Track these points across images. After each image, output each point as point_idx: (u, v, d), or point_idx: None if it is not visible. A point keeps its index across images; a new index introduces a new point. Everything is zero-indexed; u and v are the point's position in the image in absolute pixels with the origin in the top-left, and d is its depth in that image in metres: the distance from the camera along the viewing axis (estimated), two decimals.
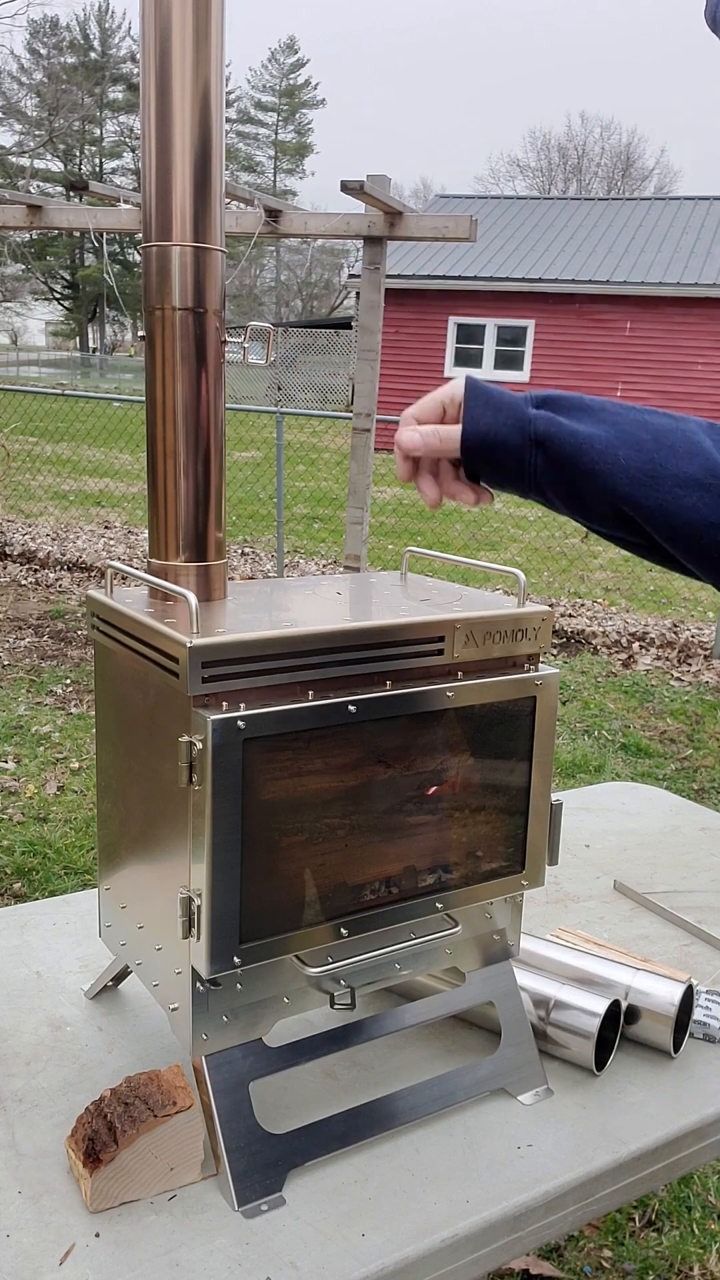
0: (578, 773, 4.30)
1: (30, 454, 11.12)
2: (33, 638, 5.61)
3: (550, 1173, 1.17)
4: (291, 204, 4.77)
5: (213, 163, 1.17)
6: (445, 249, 17.95)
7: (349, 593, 1.35)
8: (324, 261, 50.19)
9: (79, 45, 49.83)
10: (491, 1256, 1.12)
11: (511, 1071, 1.30)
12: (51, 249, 48.45)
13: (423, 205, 29.29)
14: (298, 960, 1.17)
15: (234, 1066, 1.15)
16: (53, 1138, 1.18)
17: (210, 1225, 1.07)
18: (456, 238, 4.31)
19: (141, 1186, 1.10)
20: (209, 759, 1.04)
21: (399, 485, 12.27)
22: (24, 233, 6.81)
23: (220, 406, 1.24)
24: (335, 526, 9.17)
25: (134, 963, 1.31)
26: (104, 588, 1.26)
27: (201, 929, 1.09)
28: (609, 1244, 1.85)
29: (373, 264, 4.52)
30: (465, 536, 9.44)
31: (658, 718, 5.04)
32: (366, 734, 1.17)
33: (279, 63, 56.17)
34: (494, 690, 1.25)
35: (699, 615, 7.09)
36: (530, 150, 60.06)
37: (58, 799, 3.59)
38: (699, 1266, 1.81)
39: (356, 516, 4.83)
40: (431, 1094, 1.25)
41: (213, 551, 1.26)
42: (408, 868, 1.24)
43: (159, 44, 1.13)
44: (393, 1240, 1.06)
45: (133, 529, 8.82)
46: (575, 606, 7.03)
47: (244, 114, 56.02)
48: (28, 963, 1.53)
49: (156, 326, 1.20)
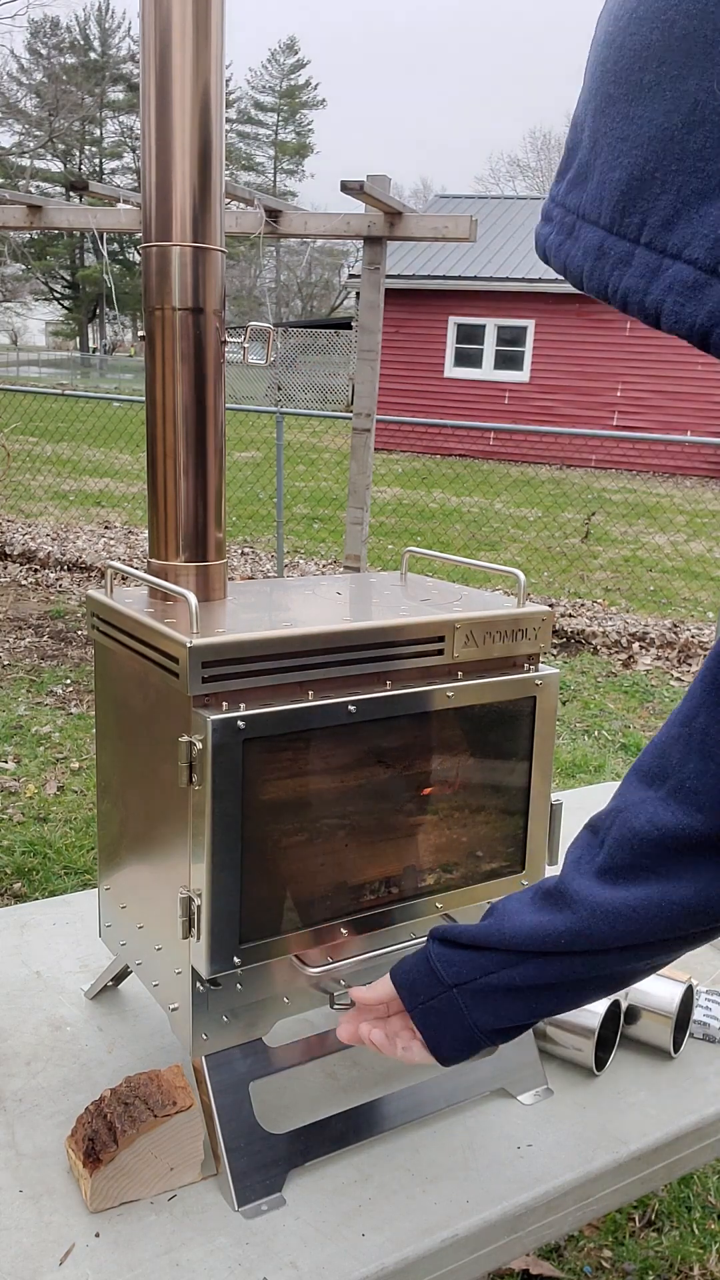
0: (578, 773, 4.30)
1: (30, 454, 11.12)
2: (33, 638, 5.61)
3: (550, 1173, 1.17)
4: (291, 204, 4.77)
5: (213, 163, 1.17)
6: (445, 249, 17.94)
7: (349, 593, 1.35)
8: (324, 262, 50.19)
9: (79, 45, 49.85)
10: (491, 1256, 1.12)
11: (511, 1071, 1.30)
12: (51, 249, 48.45)
13: (423, 205, 29.30)
14: (298, 960, 1.17)
15: (234, 1066, 1.15)
16: (53, 1138, 1.18)
17: (210, 1225, 1.07)
18: (456, 238, 4.31)
19: (141, 1186, 1.10)
20: (209, 759, 1.04)
21: (399, 485, 12.28)
22: (24, 233, 6.81)
23: (220, 406, 1.24)
24: (335, 526, 9.17)
25: (134, 963, 1.31)
26: (104, 588, 1.26)
27: (201, 929, 1.09)
28: (609, 1244, 1.85)
29: (373, 264, 4.52)
30: (465, 536, 9.44)
31: (658, 718, 5.04)
32: (366, 734, 1.17)
33: (279, 63, 56.18)
34: (494, 690, 1.25)
35: (699, 615, 7.09)
36: (530, 150, 60.12)
37: (58, 799, 3.59)
38: (699, 1266, 1.81)
39: (356, 516, 4.83)
40: (431, 1094, 1.25)
41: (213, 551, 1.26)
42: (407, 868, 1.24)
43: (159, 44, 1.13)
44: (393, 1240, 1.06)
45: (133, 529, 8.82)
46: (575, 606, 7.03)
47: (244, 114, 56.02)
48: (28, 963, 1.53)
49: (156, 326, 1.20)
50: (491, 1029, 0.99)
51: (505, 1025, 0.99)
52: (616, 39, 0.55)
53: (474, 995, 0.98)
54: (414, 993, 1.02)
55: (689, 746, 0.84)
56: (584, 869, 0.92)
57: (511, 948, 0.95)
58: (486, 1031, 0.99)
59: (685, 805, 0.84)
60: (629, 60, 0.54)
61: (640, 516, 10.86)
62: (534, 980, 0.95)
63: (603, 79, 0.56)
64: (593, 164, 0.58)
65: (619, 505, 11.64)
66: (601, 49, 0.57)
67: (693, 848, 0.84)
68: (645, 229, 0.55)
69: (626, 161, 0.55)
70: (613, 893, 0.89)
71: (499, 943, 0.96)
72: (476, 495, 11.84)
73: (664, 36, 0.52)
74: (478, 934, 0.98)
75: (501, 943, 0.96)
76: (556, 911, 0.93)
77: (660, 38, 0.52)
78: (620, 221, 0.56)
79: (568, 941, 0.91)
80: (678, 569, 8.46)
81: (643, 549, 9.08)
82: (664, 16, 0.51)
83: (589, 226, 0.59)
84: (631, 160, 0.54)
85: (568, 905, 0.92)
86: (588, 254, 0.59)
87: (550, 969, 0.94)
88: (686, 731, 0.84)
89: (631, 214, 0.55)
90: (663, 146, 0.53)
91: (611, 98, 0.55)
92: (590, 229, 0.58)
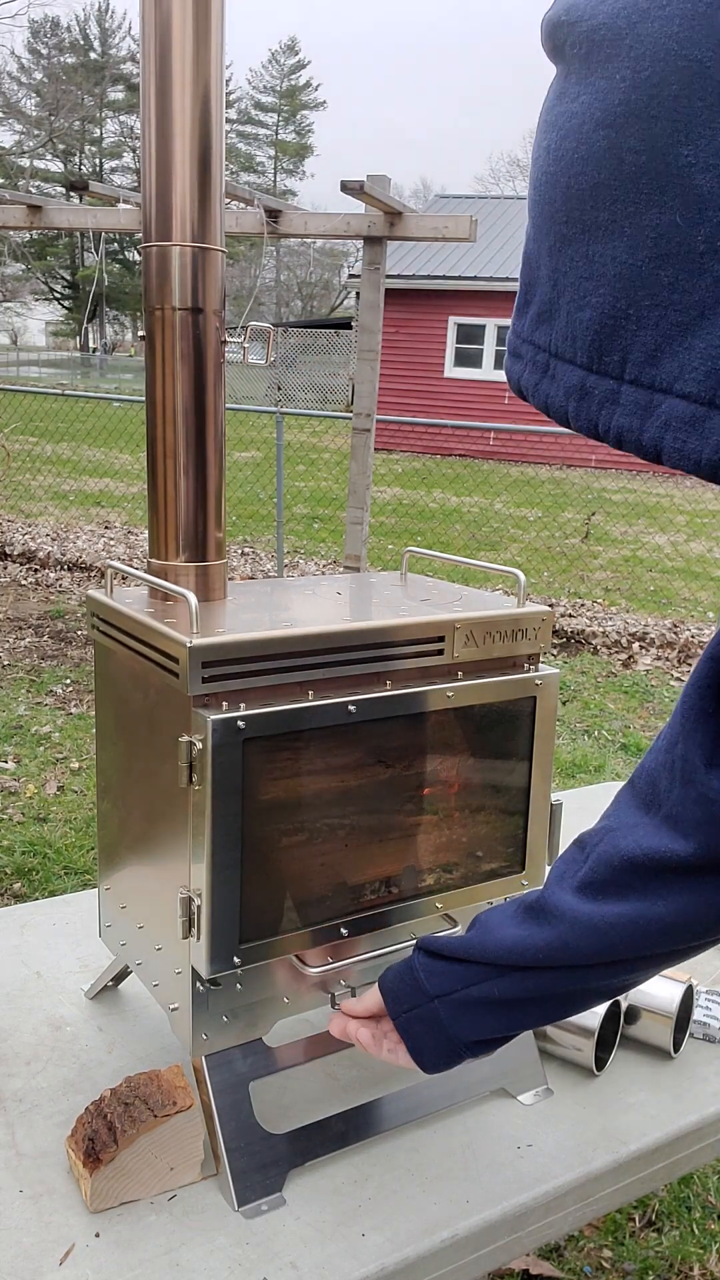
0: (578, 773, 4.30)
1: (30, 454, 11.11)
2: (33, 638, 5.61)
3: (550, 1173, 1.17)
4: (291, 204, 4.77)
5: (213, 163, 1.17)
6: (445, 249, 17.94)
7: (349, 593, 1.35)
8: (324, 262, 50.20)
9: (79, 45, 49.85)
10: (491, 1256, 1.12)
11: (511, 1071, 1.30)
12: (51, 249, 48.46)
13: (423, 205, 29.28)
14: (298, 960, 1.17)
15: (234, 1066, 1.15)
16: (53, 1138, 1.18)
17: (210, 1225, 1.07)
18: (456, 238, 4.31)
19: (141, 1186, 1.10)
20: (209, 759, 1.04)
21: (399, 485, 12.28)
22: (24, 233, 6.81)
23: (220, 406, 1.24)
24: (335, 526, 9.16)
25: (134, 963, 1.31)
26: (104, 588, 1.26)
27: (201, 929, 1.08)
28: (609, 1244, 1.85)
29: (373, 264, 4.52)
30: (465, 536, 9.44)
31: (658, 718, 5.04)
32: (366, 734, 1.17)
33: (279, 64, 56.19)
34: (494, 690, 1.25)
35: (699, 615, 7.09)
36: (530, 150, 60.07)
37: (58, 799, 3.59)
38: (699, 1266, 1.81)
39: (356, 516, 4.83)
40: (431, 1094, 1.25)
41: (213, 551, 1.26)
42: (407, 868, 1.24)
43: (159, 44, 1.13)
44: (393, 1240, 1.06)
45: (133, 529, 8.82)
46: (575, 606, 7.03)
47: (244, 114, 56.05)
48: (28, 963, 1.53)
49: (156, 326, 1.20)
50: (472, 1040, 1.00)
51: (485, 1037, 1.00)
52: (561, 180, 0.52)
53: (455, 1006, 0.99)
54: (398, 1000, 1.03)
55: (673, 774, 0.86)
56: (565, 884, 0.94)
57: (492, 961, 0.96)
58: (467, 1043, 1.00)
59: (674, 831, 0.86)
60: (579, 200, 0.52)
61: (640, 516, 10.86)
62: (514, 994, 0.96)
63: (553, 219, 0.54)
64: (557, 302, 0.55)
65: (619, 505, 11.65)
66: (546, 189, 0.54)
67: (674, 870, 0.86)
68: (629, 365, 0.52)
69: (595, 300, 0.53)
70: (592, 907, 0.90)
71: (480, 955, 0.97)
72: (476, 495, 11.84)
73: (613, 175, 0.49)
74: (460, 946, 0.99)
75: (483, 956, 0.97)
76: (536, 926, 0.94)
77: (609, 176, 0.50)
78: (599, 360, 0.54)
79: (546, 956, 0.93)
80: (678, 569, 8.47)
81: (643, 549, 9.08)
82: (610, 155, 0.49)
83: (566, 365, 0.56)
84: (600, 299, 0.52)
85: (547, 920, 0.93)
86: (570, 394, 0.56)
87: (530, 983, 0.95)
88: (670, 759, 0.87)
89: (611, 351, 0.53)
90: (632, 283, 0.50)
91: (566, 238, 0.53)
92: (568, 368, 0.56)
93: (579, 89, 0.51)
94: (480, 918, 1.01)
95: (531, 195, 0.57)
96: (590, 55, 0.51)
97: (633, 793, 0.92)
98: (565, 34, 0.52)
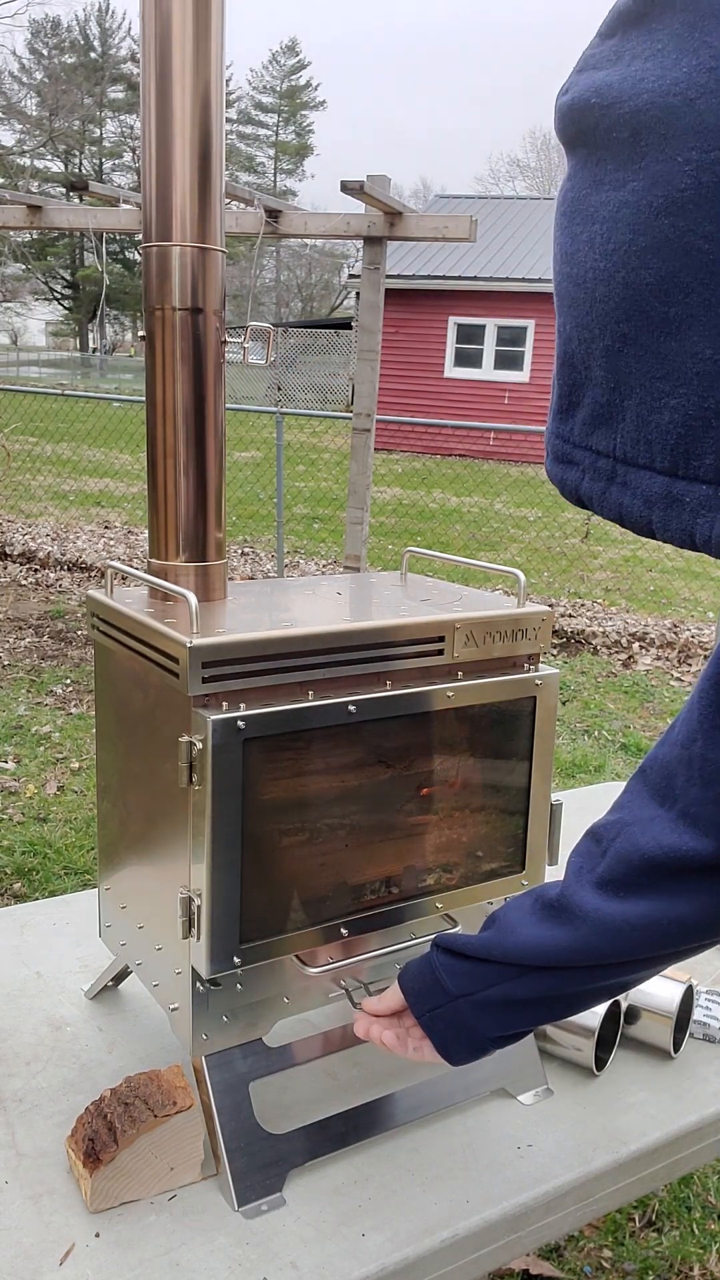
0: (578, 773, 4.30)
1: (30, 454, 11.11)
2: (33, 638, 5.61)
3: (550, 1173, 1.17)
4: (291, 204, 4.77)
5: (213, 163, 1.17)
6: (445, 249, 17.94)
7: (349, 593, 1.35)
8: (324, 262, 50.20)
9: (79, 45, 49.85)
10: (491, 1256, 1.12)
11: (511, 1071, 1.30)
12: (51, 249, 48.45)
13: (423, 205, 29.29)
14: (298, 960, 1.17)
15: (234, 1066, 1.15)
16: (53, 1138, 1.18)
17: (210, 1225, 1.07)
18: (456, 238, 4.31)
19: (141, 1186, 1.10)
20: (209, 759, 1.04)
21: (399, 485, 12.28)
22: (24, 233, 6.82)
23: (220, 406, 1.24)
24: (335, 526, 9.16)
25: (134, 963, 1.31)
26: (104, 588, 1.26)
27: (201, 929, 1.09)
28: (609, 1244, 1.85)
29: (373, 264, 4.52)
30: (465, 536, 9.44)
31: (657, 717, 5.04)
32: (366, 734, 1.17)
33: (280, 64, 56.17)
34: (494, 690, 1.25)
35: (699, 615, 7.09)
36: (530, 150, 60.16)
37: (58, 799, 3.59)
38: (699, 1266, 1.81)
39: (356, 517, 4.83)
40: (431, 1094, 1.25)
41: (213, 551, 1.26)
42: (408, 868, 1.24)
43: (159, 44, 1.13)
44: (393, 1240, 1.06)
45: (133, 529, 8.82)
46: (575, 606, 7.03)
47: (244, 114, 56.03)
48: (28, 963, 1.53)
49: (156, 326, 1.20)
50: (496, 1036, 1.01)
51: (508, 1033, 1.01)
52: (619, 275, 0.49)
53: (477, 1006, 0.99)
54: (421, 999, 1.03)
55: (691, 771, 0.85)
56: (585, 880, 0.93)
57: (513, 961, 0.96)
58: (491, 1039, 1.01)
59: (693, 830, 0.85)
60: (644, 296, 0.48)
61: None
62: (535, 993, 0.96)
63: (608, 317, 0.50)
64: (622, 405, 0.52)
65: None
66: (596, 286, 0.51)
67: (697, 871, 0.86)
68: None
69: (675, 402, 0.49)
70: (615, 906, 0.90)
71: (501, 956, 0.97)
72: (476, 495, 11.84)
73: (684, 265, 0.46)
74: (480, 946, 0.99)
75: (504, 956, 0.97)
76: (558, 926, 0.94)
77: (679, 267, 0.46)
78: (685, 463, 0.50)
79: (569, 957, 0.93)
80: (678, 569, 8.47)
81: (642, 549, 9.08)
82: (678, 244, 0.46)
83: (641, 472, 0.52)
84: (681, 400, 0.49)
85: (569, 920, 0.93)
86: (652, 503, 0.52)
87: (550, 982, 0.95)
88: (687, 755, 0.85)
89: (701, 454, 0.49)
90: (718, 379, 0.47)
91: (627, 337, 0.50)
92: (644, 474, 0.52)
93: (624, 175, 0.48)
94: (498, 915, 1.01)
95: (570, 293, 0.53)
96: (638, 138, 0.47)
97: (645, 783, 0.91)
98: (597, 118, 0.49)
